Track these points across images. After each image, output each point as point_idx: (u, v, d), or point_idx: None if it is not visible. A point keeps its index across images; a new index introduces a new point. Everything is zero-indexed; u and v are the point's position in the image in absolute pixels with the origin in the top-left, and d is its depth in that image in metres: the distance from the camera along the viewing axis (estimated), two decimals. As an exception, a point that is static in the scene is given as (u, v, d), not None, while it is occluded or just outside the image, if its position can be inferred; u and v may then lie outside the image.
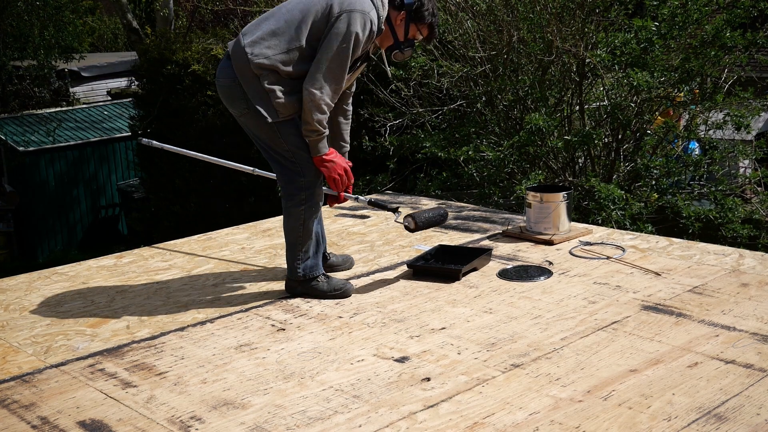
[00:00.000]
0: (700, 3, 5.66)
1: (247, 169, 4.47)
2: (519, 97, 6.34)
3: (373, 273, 3.79)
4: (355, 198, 3.87)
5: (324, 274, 3.55)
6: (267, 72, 3.29)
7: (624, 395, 2.46)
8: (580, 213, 5.64)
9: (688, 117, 6.34)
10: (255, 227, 4.82)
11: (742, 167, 7.50)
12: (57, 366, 2.87)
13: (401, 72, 6.54)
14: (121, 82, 17.25)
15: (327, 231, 4.11)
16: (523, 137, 5.75)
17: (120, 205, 14.49)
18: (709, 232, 5.60)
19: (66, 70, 16.27)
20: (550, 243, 4.14)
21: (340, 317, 3.25)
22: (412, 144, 6.49)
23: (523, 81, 6.16)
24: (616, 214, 5.26)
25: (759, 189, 6.34)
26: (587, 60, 5.81)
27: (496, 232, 4.44)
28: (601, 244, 4.12)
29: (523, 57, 6.34)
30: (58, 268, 4.13)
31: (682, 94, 6.06)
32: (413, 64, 6.38)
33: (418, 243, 4.24)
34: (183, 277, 3.90)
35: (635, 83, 5.42)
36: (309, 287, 3.50)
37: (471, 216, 4.86)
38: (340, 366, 2.78)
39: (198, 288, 3.72)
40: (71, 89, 16.62)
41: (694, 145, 6.89)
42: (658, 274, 3.60)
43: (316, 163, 3.39)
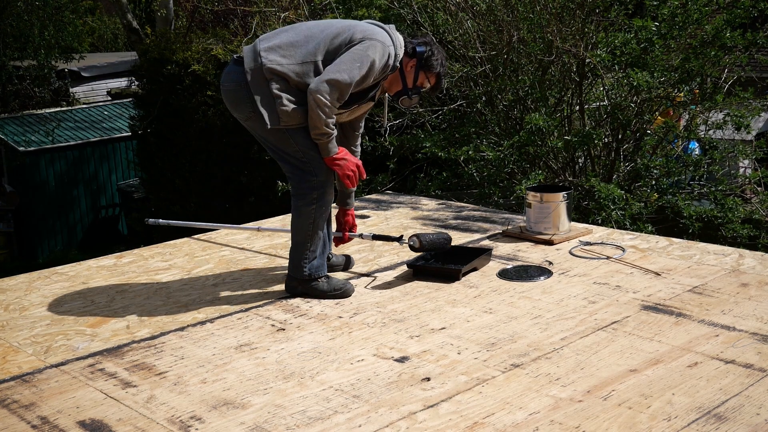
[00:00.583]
0: (700, 3, 5.66)
1: (251, 228, 4.54)
2: (519, 97, 6.34)
3: (373, 273, 3.79)
4: (359, 236, 3.89)
5: (326, 275, 3.55)
6: (277, 78, 3.31)
7: (624, 395, 2.46)
8: (580, 213, 5.64)
9: (688, 117, 6.35)
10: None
11: (742, 167, 7.50)
12: (57, 366, 2.87)
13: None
14: (121, 82, 17.26)
15: (327, 231, 4.11)
16: (522, 137, 5.75)
17: (120, 205, 14.49)
18: (709, 232, 5.60)
19: (66, 70, 16.27)
20: (550, 243, 4.14)
21: (340, 317, 3.25)
22: (412, 144, 6.50)
23: (523, 81, 6.16)
24: (616, 214, 5.27)
25: (759, 189, 6.34)
26: (587, 60, 5.81)
27: (496, 232, 4.44)
28: (601, 244, 4.12)
29: (523, 57, 6.34)
30: (58, 268, 4.13)
31: (682, 94, 6.06)
32: None
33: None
34: (183, 277, 3.90)
35: (635, 83, 5.42)
36: (310, 287, 3.50)
37: (471, 216, 4.86)
38: (340, 366, 2.78)
39: (198, 288, 3.72)
40: (71, 89, 16.62)
41: (694, 145, 6.90)
42: (658, 274, 3.60)
43: (328, 163, 3.42)
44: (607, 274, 3.64)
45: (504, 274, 3.69)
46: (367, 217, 4.88)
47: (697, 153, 6.61)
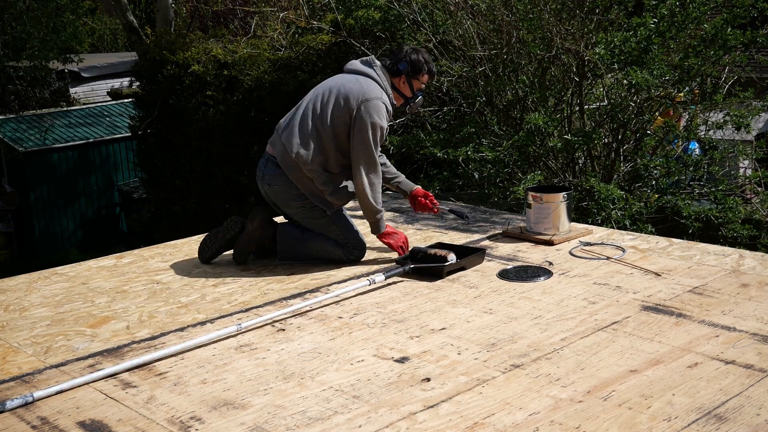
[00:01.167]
0: (699, 2, 5.66)
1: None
2: (519, 97, 6.34)
3: (373, 273, 3.79)
4: (404, 269, 3.77)
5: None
6: (317, 173, 3.85)
7: (624, 395, 2.46)
8: (579, 213, 5.64)
9: (688, 117, 6.35)
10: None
11: (742, 167, 7.50)
12: (57, 366, 2.87)
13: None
14: (121, 83, 17.26)
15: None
16: (522, 137, 5.75)
17: (120, 205, 14.49)
18: (709, 233, 5.60)
19: (66, 71, 16.27)
20: (550, 243, 4.14)
21: (340, 317, 3.25)
22: (412, 144, 6.50)
23: (522, 81, 6.16)
24: (615, 214, 5.26)
25: (759, 189, 6.34)
26: (586, 59, 5.81)
27: (496, 232, 4.44)
28: (601, 244, 4.12)
29: (523, 57, 6.34)
30: (58, 268, 4.13)
31: (682, 94, 6.06)
32: None
33: (417, 245, 4.24)
34: (183, 277, 3.90)
35: (634, 82, 5.42)
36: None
37: (471, 216, 4.86)
38: (340, 366, 2.78)
39: (198, 288, 3.72)
40: (71, 89, 16.62)
41: (694, 146, 6.89)
42: (658, 275, 3.60)
43: (380, 238, 3.99)
44: (607, 275, 3.64)
45: (504, 275, 3.69)
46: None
47: (697, 153, 6.61)
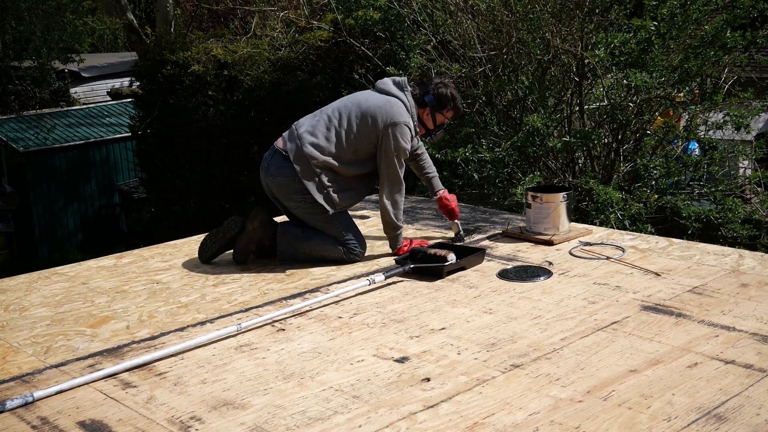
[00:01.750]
0: (700, 3, 5.66)
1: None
2: (518, 98, 6.34)
3: (373, 273, 3.79)
4: (403, 269, 3.76)
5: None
6: (326, 170, 3.89)
7: (624, 395, 2.47)
8: (579, 214, 5.64)
9: (687, 117, 6.35)
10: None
11: (742, 167, 7.50)
12: (57, 366, 2.87)
13: (399, 72, 6.54)
14: (121, 83, 17.26)
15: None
16: (521, 138, 5.75)
17: (120, 205, 14.50)
18: (709, 233, 5.60)
19: (66, 71, 16.28)
20: (550, 243, 4.14)
21: (340, 317, 3.25)
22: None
23: (522, 81, 6.16)
24: (614, 216, 5.26)
25: (759, 189, 6.34)
26: (586, 60, 5.81)
27: (496, 232, 4.44)
28: (601, 244, 4.12)
29: (522, 57, 6.34)
30: (58, 268, 4.13)
31: (681, 95, 6.06)
32: (411, 65, 6.38)
33: (416, 246, 4.23)
34: (183, 277, 3.90)
35: (634, 84, 5.42)
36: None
37: (471, 216, 4.86)
38: (340, 366, 2.78)
39: (198, 288, 3.72)
40: (71, 89, 16.62)
41: (694, 146, 6.90)
42: (657, 275, 3.60)
43: (398, 252, 4.05)
44: (607, 275, 3.64)
45: (504, 275, 3.69)
46: (367, 217, 4.88)
47: (696, 153, 6.61)
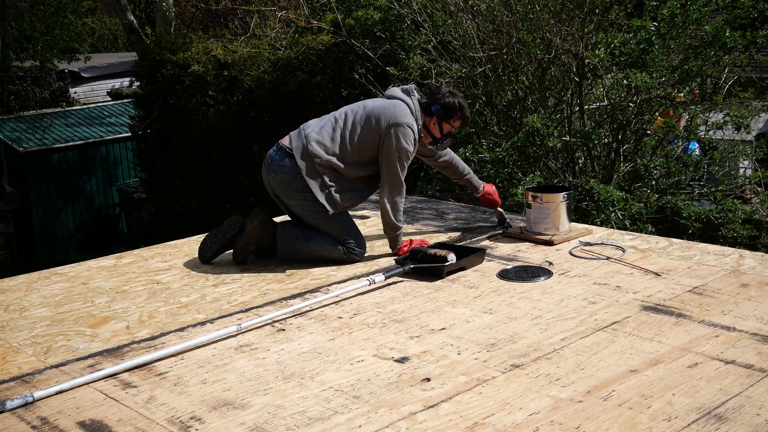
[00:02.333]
0: (700, 3, 5.66)
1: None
2: (518, 98, 6.34)
3: (373, 273, 3.79)
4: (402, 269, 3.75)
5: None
6: (329, 170, 3.91)
7: (624, 395, 2.46)
8: (579, 214, 5.64)
9: (688, 117, 6.35)
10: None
11: (742, 168, 7.50)
12: (57, 366, 2.87)
13: (400, 72, 6.54)
14: (121, 83, 17.26)
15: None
16: (521, 138, 5.75)
17: (120, 205, 14.49)
18: (709, 233, 5.60)
19: (66, 71, 16.27)
20: (550, 243, 4.14)
21: (340, 317, 3.25)
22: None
23: (522, 81, 6.16)
24: (615, 215, 5.26)
25: (759, 189, 6.34)
26: (586, 60, 5.81)
27: (496, 232, 4.44)
28: (601, 244, 4.12)
29: (522, 57, 6.34)
30: (58, 268, 4.13)
31: (682, 95, 6.06)
32: (411, 65, 6.38)
33: (416, 246, 4.23)
34: (183, 277, 3.90)
35: (634, 84, 5.42)
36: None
37: (471, 216, 4.86)
38: (340, 366, 2.78)
39: (198, 288, 3.72)
40: (71, 90, 16.62)
41: (694, 146, 6.90)
42: (658, 275, 3.60)
43: (398, 252, 4.04)
44: (607, 275, 3.64)
45: (504, 275, 3.69)
46: (368, 217, 4.88)
47: (697, 153, 6.61)
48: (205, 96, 9.79)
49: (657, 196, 5.87)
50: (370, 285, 3.53)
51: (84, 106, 15.73)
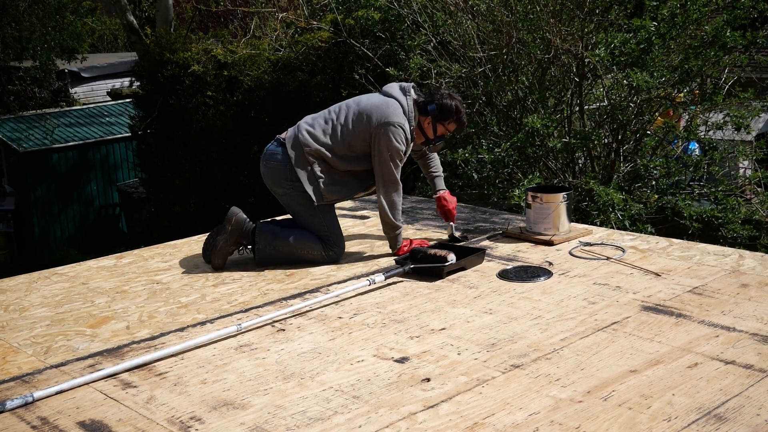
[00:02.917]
0: (700, 3, 5.66)
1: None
2: (518, 98, 6.34)
3: (373, 273, 3.79)
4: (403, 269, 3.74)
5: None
6: (319, 160, 3.92)
7: (624, 396, 2.47)
8: (579, 214, 5.64)
9: (687, 117, 6.35)
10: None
11: (742, 168, 7.50)
12: (57, 366, 2.87)
13: (399, 72, 6.54)
14: (121, 83, 17.25)
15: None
16: (521, 138, 5.75)
17: (120, 205, 14.49)
18: (709, 233, 5.60)
19: (66, 71, 16.26)
20: (550, 243, 4.14)
21: (340, 318, 3.25)
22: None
23: (522, 81, 6.16)
24: (614, 216, 5.26)
25: (759, 189, 6.34)
26: (587, 60, 5.81)
27: (496, 232, 4.44)
28: (601, 244, 4.12)
29: (522, 57, 6.33)
30: (58, 268, 4.13)
31: (682, 95, 6.06)
32: (411, 65, 6.38)
33: (416, 246, 4.23)
34: (183, 277, 3.90)
35: (634, 84, 5.42)
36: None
37: (471, 216, 4.86)
38: (340, 366, 2.78)
39: (198, 288, 3.72)
40: (71, 90, 16.62)
41: (694, 146, 6.89)
42: (658, 275, 3.60)
43: (397, 254, 4.02)
44: (607, 275, 3.64)
45: (504, 275, 3.69)
46: (367, 217, 4.88)
47: (697, 153, 6.61)
48: (205, 96, 9.79)
49: (657, 197, 5.87)
50: (370, 285, 3.54)
51: (84, 106, 15.73)
